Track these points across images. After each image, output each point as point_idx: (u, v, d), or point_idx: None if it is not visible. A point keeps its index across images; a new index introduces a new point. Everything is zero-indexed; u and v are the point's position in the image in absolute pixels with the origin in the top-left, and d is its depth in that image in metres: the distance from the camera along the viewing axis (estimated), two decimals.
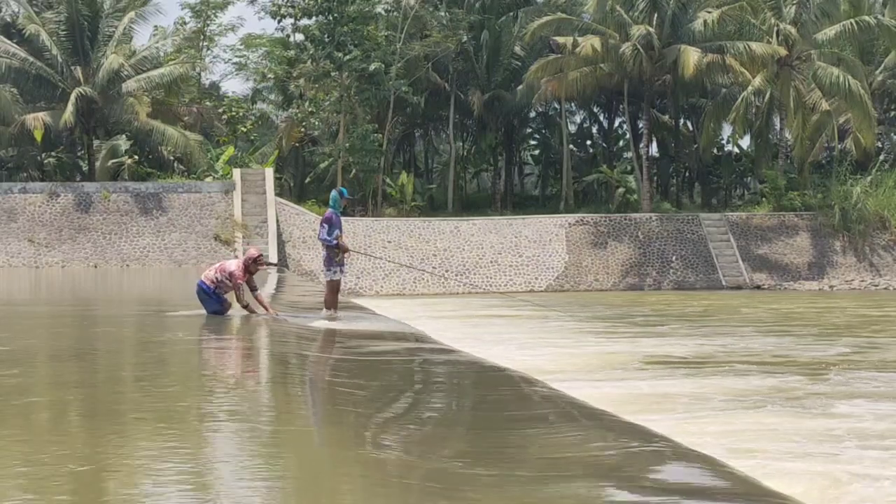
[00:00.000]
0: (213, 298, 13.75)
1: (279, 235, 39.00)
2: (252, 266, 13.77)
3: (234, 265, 13.73)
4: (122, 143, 45.73)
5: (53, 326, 14.33)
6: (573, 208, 47.71)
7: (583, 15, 47.84)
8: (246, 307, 13.75)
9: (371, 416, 7.13)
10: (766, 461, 8.36)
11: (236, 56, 55.80)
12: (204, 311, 13.96)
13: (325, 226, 14.98)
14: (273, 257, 37.19)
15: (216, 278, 13.69)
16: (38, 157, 46.25)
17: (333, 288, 15.34)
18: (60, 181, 42.19)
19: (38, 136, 42.34)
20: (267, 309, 13.94)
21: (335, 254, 15.11)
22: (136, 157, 45.22)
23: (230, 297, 13.93)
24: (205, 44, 52.70)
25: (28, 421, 6.61)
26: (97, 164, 44.90)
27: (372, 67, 44.34)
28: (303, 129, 49.71)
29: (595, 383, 12.97)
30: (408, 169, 55.45)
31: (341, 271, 15.38)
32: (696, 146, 52.69)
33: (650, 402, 11.68)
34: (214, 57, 55.34)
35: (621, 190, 48.29)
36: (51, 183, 41.04)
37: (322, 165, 49.51)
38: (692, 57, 41.85)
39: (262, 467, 5.38)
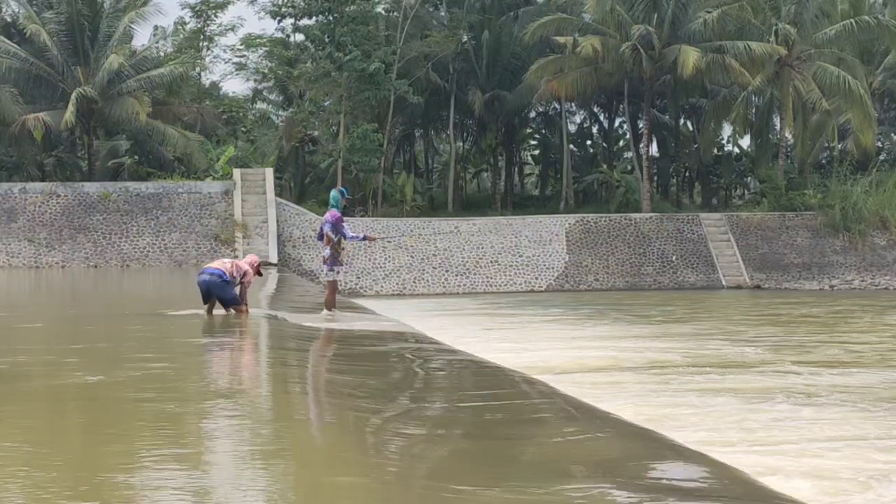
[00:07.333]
0: (230, 286, 13.91)
1: (279, 235, 38.98)
2: (258, 269, 14.60)
3: (246, 265, 14.11)
4: (123, 143, 45.69)
5: (54, 325, 14.33)
6: (573, 208, 47.69)
7: (583, 15, 47.79)
8: (234, 306, 14.00)
9: (371, 415, 7.13)
10: None
11: (236, 56, 55.80)
12: (201, 312, 14.19)
13: (345, 224, 15.05)
14: (273, 257, 37.22)
15: (231, 272, 13.86)
16: (38, 157, 46.20)
17: (334, 288, 15.40)
18: (60, 181, 42.12)
19: (38, 136, 42.25)
20: (247, 308, 14.26)
21: (338, 253, 15.16)
22: (136, 157, 45.16)
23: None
24: (205, 44, 52.67)
25: (29, 415, 6.62)
26: (97, 164, 44.87)
27: (372, 67, 44.29)
28: (303, 129, 49.70)
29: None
30: (408, 169, 55.46)
31: (342, 271, 15.47)
32: (696, 146, 52.73)
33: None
34: (214, 57, 55.27)
35: (621, 190, 48.28)
36: (51, 183, 40.97)
37: (322, 165, 49.51)
38: (692, 57, 41.83)
39: (262, 467, 5.38)
